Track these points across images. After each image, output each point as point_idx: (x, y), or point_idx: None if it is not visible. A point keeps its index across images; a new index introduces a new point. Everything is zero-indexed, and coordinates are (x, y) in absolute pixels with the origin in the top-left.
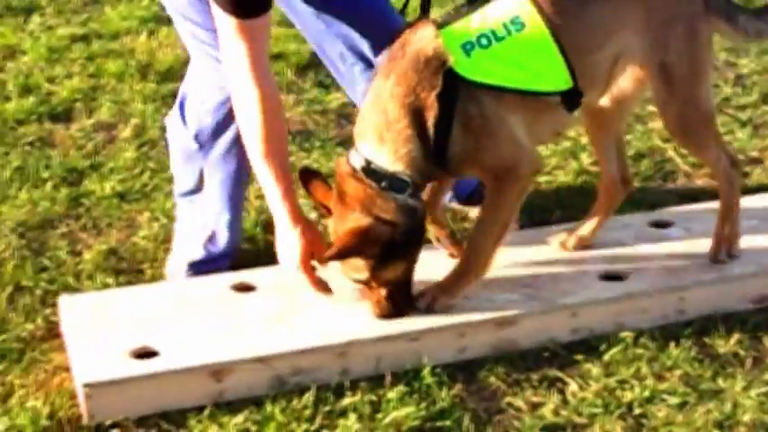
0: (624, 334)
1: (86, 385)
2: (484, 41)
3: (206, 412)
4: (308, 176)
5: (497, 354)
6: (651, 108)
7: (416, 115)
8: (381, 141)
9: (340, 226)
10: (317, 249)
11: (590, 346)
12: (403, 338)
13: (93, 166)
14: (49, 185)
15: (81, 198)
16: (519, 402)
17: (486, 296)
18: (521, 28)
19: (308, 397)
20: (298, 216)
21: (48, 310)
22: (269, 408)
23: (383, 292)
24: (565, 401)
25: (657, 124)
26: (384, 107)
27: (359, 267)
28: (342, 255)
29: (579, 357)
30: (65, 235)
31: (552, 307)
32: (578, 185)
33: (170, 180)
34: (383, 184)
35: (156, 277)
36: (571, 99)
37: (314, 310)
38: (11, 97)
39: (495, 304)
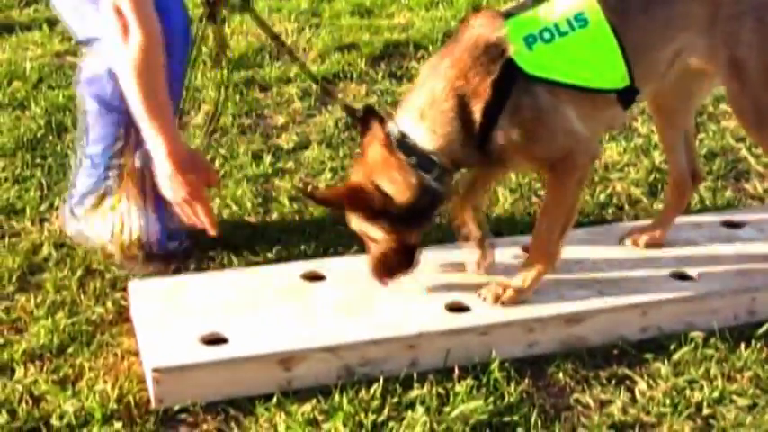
0: (694, 334)
1: (155, 370)
2: (547, 35)
3: (274, 400)
4: (369, 117)
5: (566, 350)
6: (724, 107)
7: (463, 99)
8: (422, 118)
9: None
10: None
11: (659, 344)
12: (472, 332)
13: None
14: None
15: None
16: (587, 399)
17: (556, 292)
18: (584, 24)
19: (376, 388)
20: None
21: (118, 294)
22: (337, 398)
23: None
24: (633, 400)
25: (730, 123)
26: (432, 86)
27: (354, 220)
28: (322, 202)
29: (648, 356)
30: None
31: (622, 305)
32: (650, 183)
33: (241, 167)
34: (412, 159)
35: (226, 264)
36: (627, 96)
37: (384, 301)
38: None
39: (565, 300)
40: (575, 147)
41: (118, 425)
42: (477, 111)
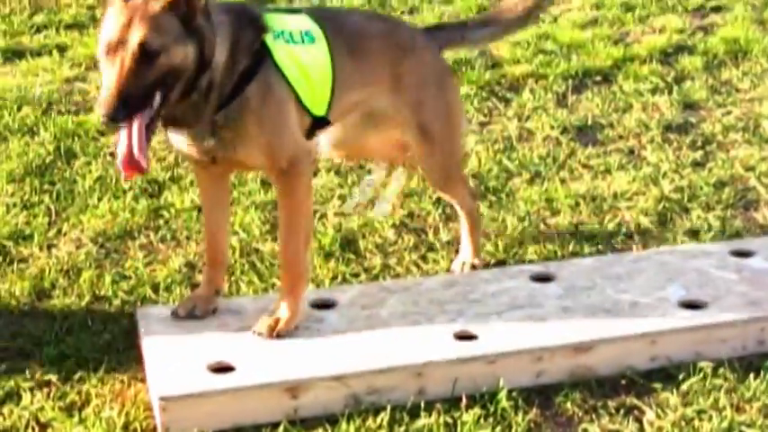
0: (703, 363)
1: (163, 398)
2: (286, 36)
3: (281, 429)
4: None
5: (574, 380)
6: (733, 135)
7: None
8: None
9: None
10: None
11: (668, 374)
12: (480, 361)
13: (173, 179)
14: (129, 196)
15: (160, 210)
16: (595, 429)
17: (564, 321)
18: (312, 41)
19: (383, 416)
20: None
21: (125, 321)
22: (344, 426)
23: None
24: (642, 430)
25: (740, 152)
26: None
27: None
28: None
29: (657, 386)
30: (143, 246)
31: (631, 334)
32: (659, 212)
33: (249, 194)
34: None
35: (233, 292)
36: (317, 126)
37: (391, 330)
38: (93, 108)
39: (573, 329)
40: (299, 152)
41: None
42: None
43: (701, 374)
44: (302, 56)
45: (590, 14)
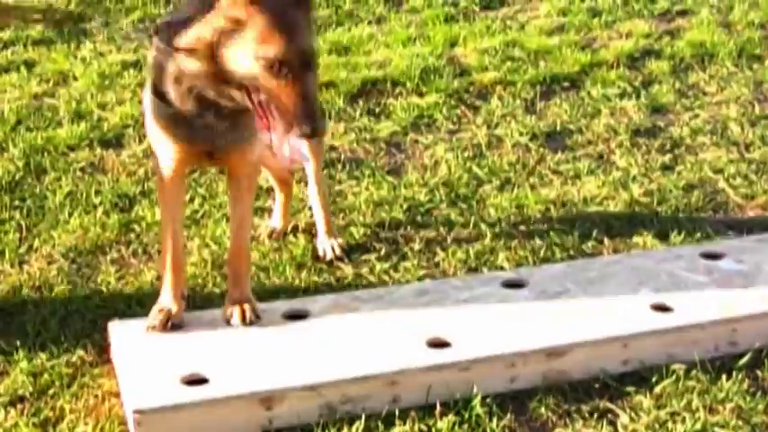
0: (675, 366)
1: (137, 411)
2: None
3: None
4: None
5: (548, 384)
6: (701, 138)
7: None
8: None
9: None
10: None
11: (641, 377)
12: (454, 368)
13: (144, 193)
14: (100, 211)
15: (132, 224)
16: None
17: (536, 326)
18: None
19: (358, 425)
20: None
21: (98, 336)
22: None
23: None
24: None
25: (708, 155)
26: None
27: None
28: None
29: (630, 389)
30: (115, 260)
31: (603, 338)
32: (630, 216)
33: (220, 206)
34: None
35: (206, 304)
36: None
37: (364, 338)
38: (62, 123)
39: (546, 335)
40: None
41: None
42: None
43: (674, 377)
44: None
45: (557, 21)
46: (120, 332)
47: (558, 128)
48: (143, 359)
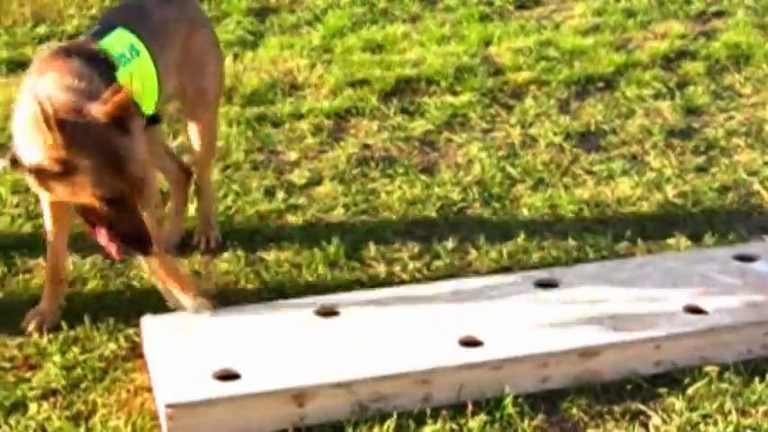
0: (708, 368)
1: (169, 406)
2: (124, 60)
3: None
4: None
5: (580, 385)
6: (736, 140)
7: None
8: None
9: None
10: None
11: (673, 379)
12: (485, 367)
13: None
14: None
15: (165, 219)
16: None
17: (569, 327)
18: (138, 54)
19: (389, 424)
20: None
21: (130, 330)
22: None
23: None
24: None
25: (743, 157)
26: None
27: None
28: None
29: (662, 391)
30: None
31: (636, 339)
32: (663, 217)
33: (254, 203)
34: None
35: (239, 300)
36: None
37: (396, 336)
38: None
39: (579, 335)
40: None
41: None
42: None
43: (707, 379)
44: (136, 72)
45: (592, 21)
46: (152, 327)
47: (592, 128)
48: (175, 354)
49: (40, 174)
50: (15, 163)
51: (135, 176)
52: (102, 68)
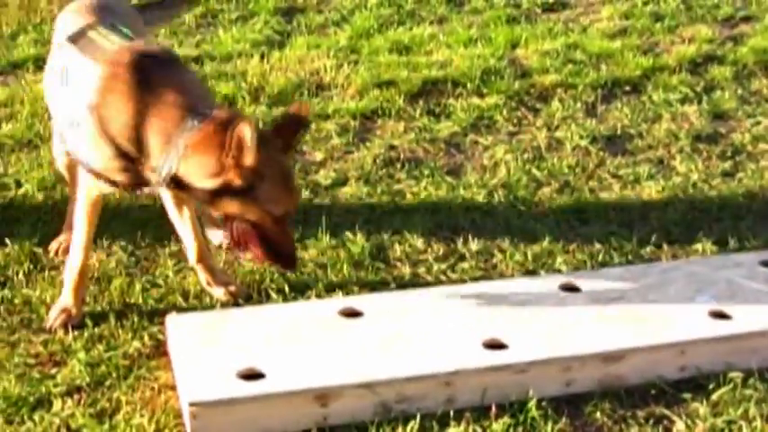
0: (733, 374)
1: (193, 404)
2: None
3: None
4: None
5: (604, 389)
6: (763, 146)
7: None
8: None
9: None
10: None
11: (698, 384)
12: (510, 370)
13: None
14: (158, 204)
15: None
16: None
17: (593, 331)
18: None
19: (413, 425)
20: None
21: (155, 328)
22: None
23: None
24: None
25: None
26: None
27: None
28: None
29: (687, 396)
30: (173, 254)
31: (660, 344)
32: (689, 221)
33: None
34: None
35: (263, 299)
36: None
37: (421, 338)
38: None
39: (603, 339)
40: None
41: None
42: None
43: (731, 385)
44: None
45: (619, 24)
46: (176, 325)
47: (619, 132)
48: (199, 353)
49: (216, 190)
50: (176, 183)
51: (298, 195)
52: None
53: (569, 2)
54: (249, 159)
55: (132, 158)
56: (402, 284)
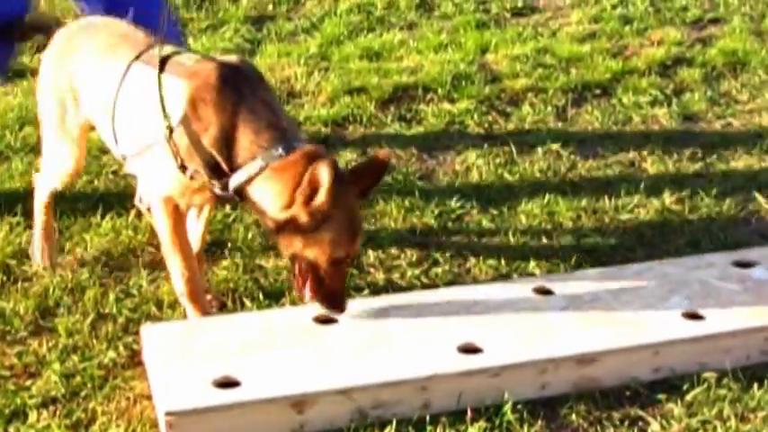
0: (707, 374)
1: (169, 413)
2: None
3: None
4: None
5: (579, 391)
6: (734, 147)
7: None
8: None
9: None
10: None
11: (672, 385)
12: (485, 374)
13: None
14: (132, 214)
15: None
16: None
17: (568, 333)
18: None
19: (389, 430)
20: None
21: (130, 338)
22: None
23: None
24: None
25: (740, 163)
26: None
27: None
28: None
29: (661, 397)
30: (147, 264)
31: (634, 345)
32: (661, 223)
33: (250, 212)
34: None
35: (237, 308)
36: None
37: (396, 343)
38: None
39: (577, 342)
40: None
41: None
42: None
43: (705, 385)
44: None
45: (588, 28)
46: (151, 335)
47: (590, 135)
48: (175, 362)
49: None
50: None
51: (359, 244)
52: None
53: (538, 6)
54: (321, 201)
55: (218, 171)
56: (376, 290)
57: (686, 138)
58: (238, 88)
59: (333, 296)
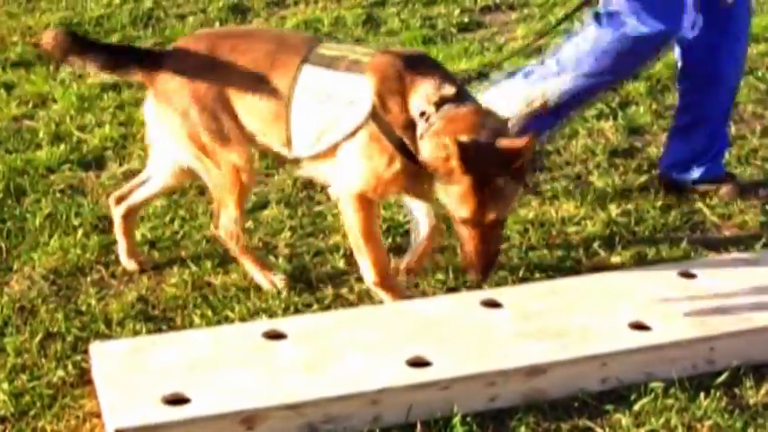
0: (654, 384)
1: (118, 431)
2: None
3: None
4: None
5: (528, 403)
6: None
7: None
8: None
9: None
10: None
11: (620, 395)
12: (434, 387)
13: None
14: (80, 233)
15: (112, 245)
16: None
17: (516, 346)
18: None
19: None
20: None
21: (79, 357)
22: None
23: None
24: None
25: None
26: None
27: None
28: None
29: (609, 407)
30: (95, 282)
31: (582, 356)
32: (607, 236)
33: (200, 227)
34: None
35: (186, 324)
36: None
37: (345, 358)
38: (42, 145)
39: (526, 354)
40: None
41: None
42: None
43: (653, 395)
44: None
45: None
46: (100, 353)
47: (537, 148)
48: (124, 379)
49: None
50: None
51: (495, 218)
52: None
53: (484, 22)
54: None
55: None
56: (325, 306)
57: (632, 151)
58: (415, 74)
59: (479, 262)
